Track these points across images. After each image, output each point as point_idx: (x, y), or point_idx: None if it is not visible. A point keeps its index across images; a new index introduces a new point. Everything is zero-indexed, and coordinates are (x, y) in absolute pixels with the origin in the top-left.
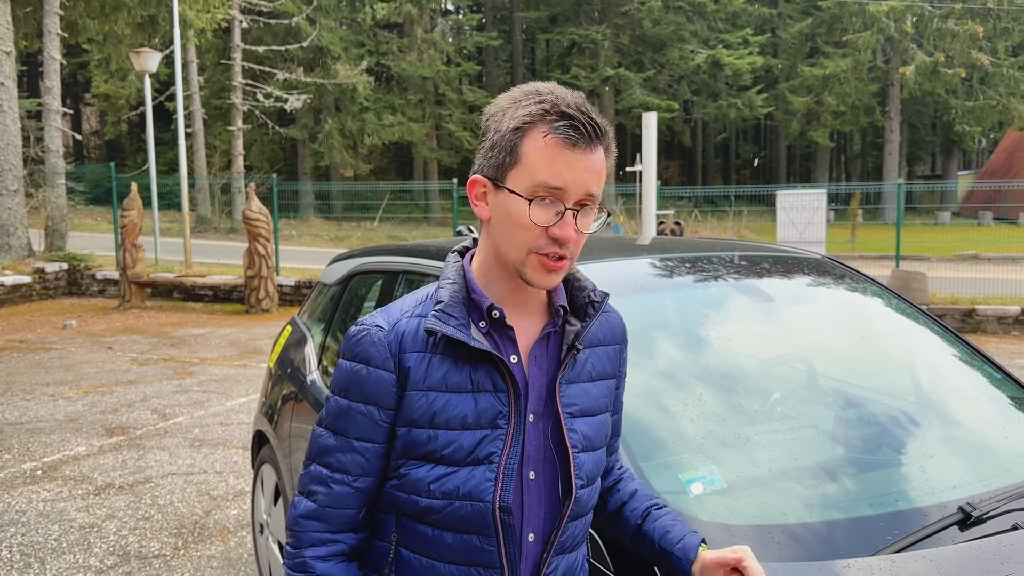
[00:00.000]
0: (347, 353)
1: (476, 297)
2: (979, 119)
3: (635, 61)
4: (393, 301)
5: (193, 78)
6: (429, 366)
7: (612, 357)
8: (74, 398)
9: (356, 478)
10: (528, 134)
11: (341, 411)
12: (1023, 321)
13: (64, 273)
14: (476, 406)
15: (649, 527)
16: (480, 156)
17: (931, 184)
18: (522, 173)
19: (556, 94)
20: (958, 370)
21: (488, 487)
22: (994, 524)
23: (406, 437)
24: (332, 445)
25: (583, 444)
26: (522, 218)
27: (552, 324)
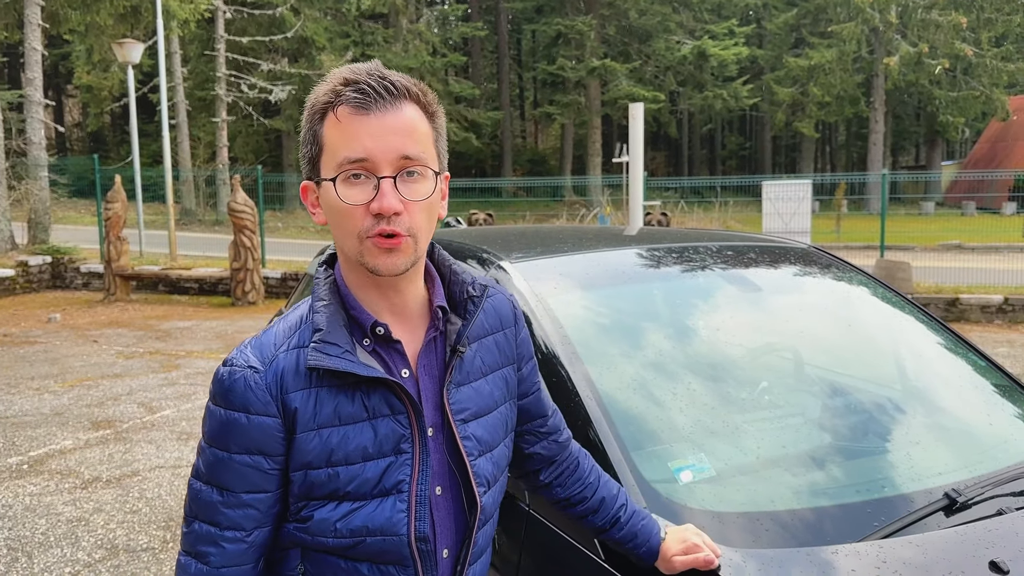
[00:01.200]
0: (220, 399)
1: (355, 314)
2: (962, 109)
3: (621, 52)
4: (264, 330)
5: (176, 69)
6: (317, 402)
7: (503, 343)
8: (60, 392)
9: (250, 532)
10: (325, 117)
11: (222, 463)
12: (1006, 310)
13: (48, 266)
14: (376, 434)
15: (617, 534)
16: (301, 161)
17: (915, 174)
18: (328, 157)
19: (344, 68)
20: (943, 358)
21: (401, 519)
22: (979, 509)
23: (303, 481)
24: (217, 501)
25: (479, 449)
26: (337, 202)
27: (434, 327)
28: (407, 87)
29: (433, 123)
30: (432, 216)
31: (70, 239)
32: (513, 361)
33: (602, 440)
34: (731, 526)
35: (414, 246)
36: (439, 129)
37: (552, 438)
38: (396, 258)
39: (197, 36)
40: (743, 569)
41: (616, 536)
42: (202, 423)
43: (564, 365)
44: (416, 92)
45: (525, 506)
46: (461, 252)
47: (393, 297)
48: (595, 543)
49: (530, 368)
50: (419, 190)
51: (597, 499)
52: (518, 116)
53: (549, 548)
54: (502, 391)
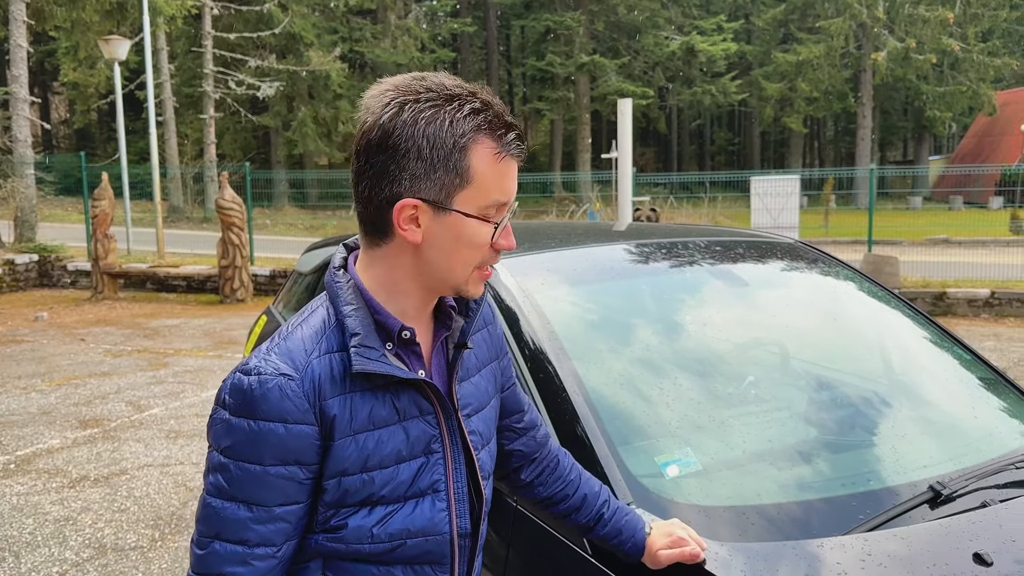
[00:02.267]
0: (248, 410)
1: (381, 319)
2: (950, 104)
3: (610, 48)
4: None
5: (163, 66)
6: (352, 407)
7: (488, 339)
8: (47, 391)
9: (280, 547)
10: (474, 150)
11: (254, 478)
12: (992, 304)
13: (35, 264)
14: (408, 436)
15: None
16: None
17: (903, 169)
18: (474, 194)
19: (486, 99)
20: (929, 352)
21: (443, 518)
22: (963, 502)
23: (336, 488)
24: (247, 517)
25: (481, 443)
26: (477, 238)
27: (445, 327)
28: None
29: None
30: None
31: (57, 237)
32: (497, 356)
33: (589, 436)
34: (717, 520)
35: None
36: None
37: (530, 434)
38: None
39: (184, 32)
40: (729, 563)
41: (601, 533)
42: (214, 437)
43: (551, 361)
44: None
45: (512, 502)
46: None
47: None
48: (584, 540)
49: (507, 361)
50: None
51: (579, 496)
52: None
53: (537, 544)
54: (493, 385)
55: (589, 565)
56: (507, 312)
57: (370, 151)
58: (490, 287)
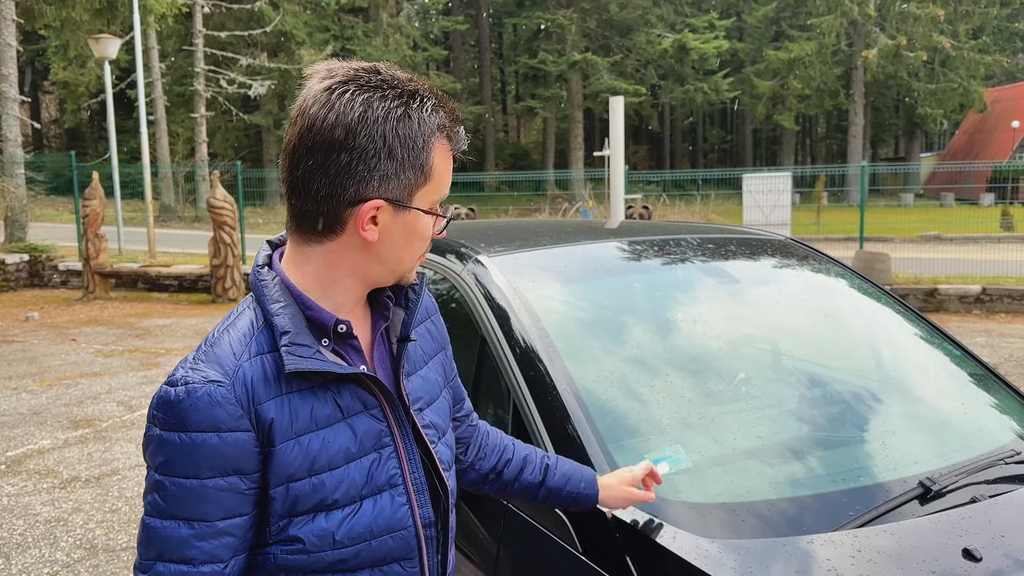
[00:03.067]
0: (177, 423)
1: (314, 315)
2: (941, 101)
3: (602, 46)
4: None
5: (154, 65)
6: (291, 409)
7: (433, 331)
8: (38, 391)
9: (226, 564)
10: (436, 148)
11: (191, 492)
12: (984, 300)
13: (25, 264)
14: (355, 433)
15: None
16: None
17: (894, 166)
18: (430, 190)
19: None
20: (919, 348)
21: (404, 512)
22: (953, 498)
23: (285, 496)
24: (188, 535)
25: (437, 436)
26: (427, 231)
27: (383, 318)
28: None
29: None
30: None
31: (48, 237)
32: (443, 347)
33: (580, 434)
34: (708, 517)
35: None
36: None
37: (469, 421)
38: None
39: (175, 31)
40: (720, 560)
41: (552, 484)
42: (148, 455)
43: (542, 359)
44: None
45: (503, 500)
46: (439, 246)
47: (364, 296)
48: (572, 535)
49: (450, 352)
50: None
51: (520, 456)
52: (500, 110)
53: (527, 541)
54: (442, 377)
55: (578, 561)
56: (498, 310)
57: (330, 149)
58: (480, 285)
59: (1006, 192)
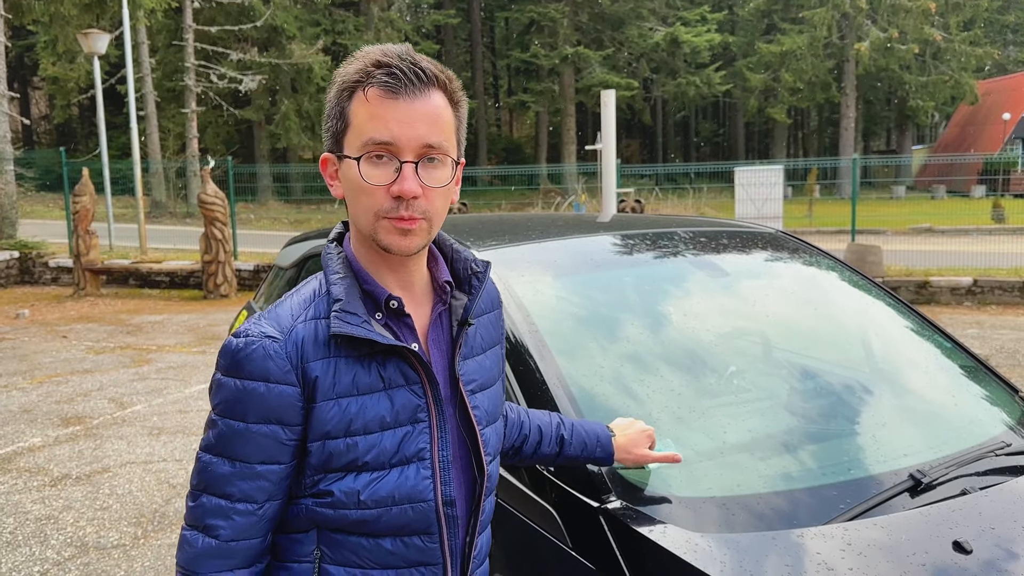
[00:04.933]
0: (235, 370)
1: (369, 288)
2: (932, 94)
3: (594, 39)
4: (274, 304)
5: (144, 60)
6: (336, 372)
7: (496, 323)
8: (28, 388)
9: (261, 505)
10: (354, 95)
11: (238, 434)
12: (975, 292)
13: (15, 261)
14: (392, 404)
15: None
16: (325, 136)
17: (886, 159)
18: (353, 136)
19: (376, 49)
20: (910, 341)
21: (427, 485)
22: (943, 490)
23: (320, 452)
24: (230, 472)
25: (486, 419)
26: (359, 181)
27: (441, 302)
28: (436, 74)
29: (457, 112)
30: (447, 201)
31: (38, 234)
32: (500, 341)
33: None
34: (698, 511)
35: (428, 228)
36: (461, 118)
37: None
38: (411, 239)
39: (165, 26)
40: (711, 554)
41: (570, 453)
42: (211, 396)
43: (532, 353)
44: (444, 80)
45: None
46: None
47: (402, 274)
48: (563, 531)
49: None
50: (438, 176)
51: (535, 430)
52: (492, 104)
53: (518, 537)
54: (498, 367)
55: (568, 556)
56: None
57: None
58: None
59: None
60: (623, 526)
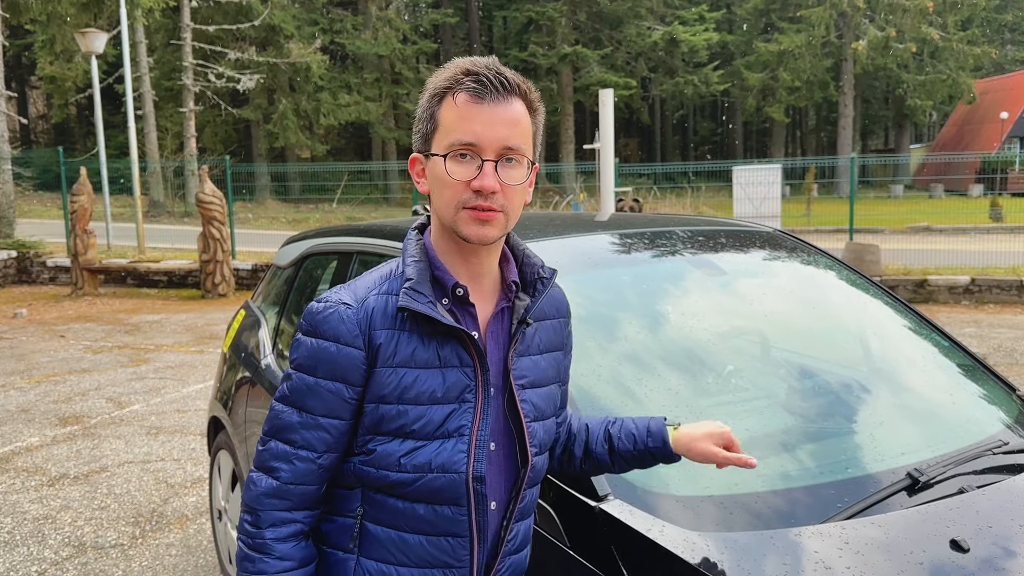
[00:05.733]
0: (312, 330)
1: (440, 275)
2: (930, 93)
3: (592, 38)
4: (353, 279)
5: (142, 59)
6: (398, 343)
7: (559, 330)
8: (26, 388)
9: (320, 455)
10: (443, 100)
11: (307, 388)
12: (972, 290)
13: (13, 261)
14: (444, 381)
15: (618, 445)
16: (415, 137)
17: (884, 158)
18: (441, 136)
19: (466, 60)
20: (908, 340)
21: (461, 459)
22: (941, 488)
23: (374, 413)
24: (296, 422)
25: (534, 414)
26: (445, 176)
27: (505, 299)
28: (518, 84)
29: (534, 119)
30: (522, 199)
31: (36, 233)
32: (562, 348)
33: None
34: (696, 510)
35: (504, 222)
36: (539, 124)
37: (561, 427)
38: (488, 229)
39: (163, 25)
40: (708, 553)
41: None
42: (290, 353)
43: None
44: (524, 89)
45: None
46: None
47: (474, 265)
48: (561, 531)
49: (570, 360)
50: (515, 175)
51: (582, 427)
52: None
53: None
54: (554, 371)
55: (566, 556)
56: None
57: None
58: None
59: (995, 183)
60: (621, 525)
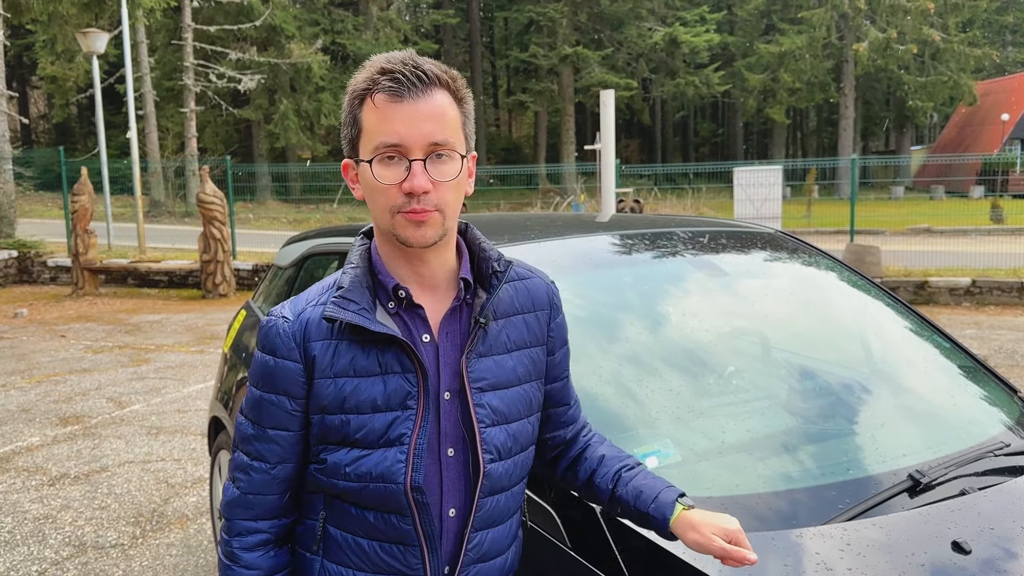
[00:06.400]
0: (259, 344)
1: (382, 278)
2: (931, 94)
3: (593, 39)
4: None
5: (143, 59)
6: (335, 353)
7: (534, 324)
8: (26, 388)
9: (273, 465)
10: (363, 103)
11: (256, 401)
12: (973, 292)
13: (14, 261)
14: (385, 388)
15: (622, 491)
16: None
17: (885, 159)
18: (365, 140)
19: (381, 57)
20: (909, 341)
21: (399, 468)
22: (942, 490)
23: (320, 424)
24: (251, 434)
25: (492, 419)
26: (373, 181)
27: (457, 298)
28: (438, 75)
29: (462, 108)
30: (459, 193)
31: (36, 233)
32: (542, 343)
33: None
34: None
35: (442, 220)
36: (467, 113)
37: (571, 427)
38: (425, 231)
39: (164, 25)
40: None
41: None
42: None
43: None
44: (446, 79)
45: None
46: None
47: (419, 267)
48: (562, 531)
49: (563, 355)
50: (447, 171)
51: (597, 457)
52: (491, 104)
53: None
54: (527, 369)
55: (568, 557)
56: None
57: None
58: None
59: (996, 184)
60: (622, 526)
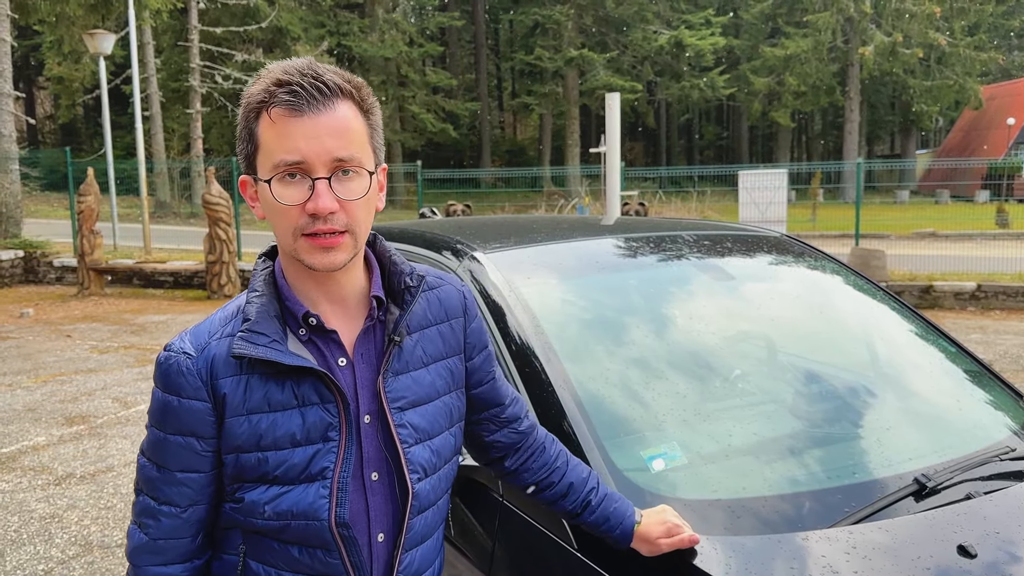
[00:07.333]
0: (158, 382)
1: (289, 305)
2: (936, 98)
3: (599, 42)
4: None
5: (149, 60)
6: (247, 388)
7: (448, 334)
8: (32, 387)
9: (184, 509)
10: (259, 116)
11: (159, 442)
12: (979, 296)
13: (20, 260)
14: (304, 421)
15: (587, 518)
16: (239, 158)
17: (890, 163)
18: (263, 157)
19: (278, 67)
20: (914, 345)
21: (323, 504)
22: (948, 494)
23: (234, 464)
24: (156, 477)
25: (415, 437)
26: (273, 202)
27: (370, 317)
28: (340, 85)
29: (368, 120)
30: (369, 211)
31: (42, 233)
32: (459, 352)
33: (575, 430)
34: (703, 514)
35: (353, 242)
36: (375, 125)
37: (512, 426)
38: (334, 255)
39: (170, 26)
40: (716, 557)
41: (588, 520)
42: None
43: (537, 356)
44: (350, 89)
45: (499, 497)
46: (436, 243)
47: (331, 287)
48: (568, 532)
49: (483, 358)
50: (354, 189)
51: (565, 484)
52: (496, 106)
53: (523, 538)
54: (446, 381)
55: (574, 558)
56: (493, 307)
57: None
58: (476, 282)
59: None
60: None
